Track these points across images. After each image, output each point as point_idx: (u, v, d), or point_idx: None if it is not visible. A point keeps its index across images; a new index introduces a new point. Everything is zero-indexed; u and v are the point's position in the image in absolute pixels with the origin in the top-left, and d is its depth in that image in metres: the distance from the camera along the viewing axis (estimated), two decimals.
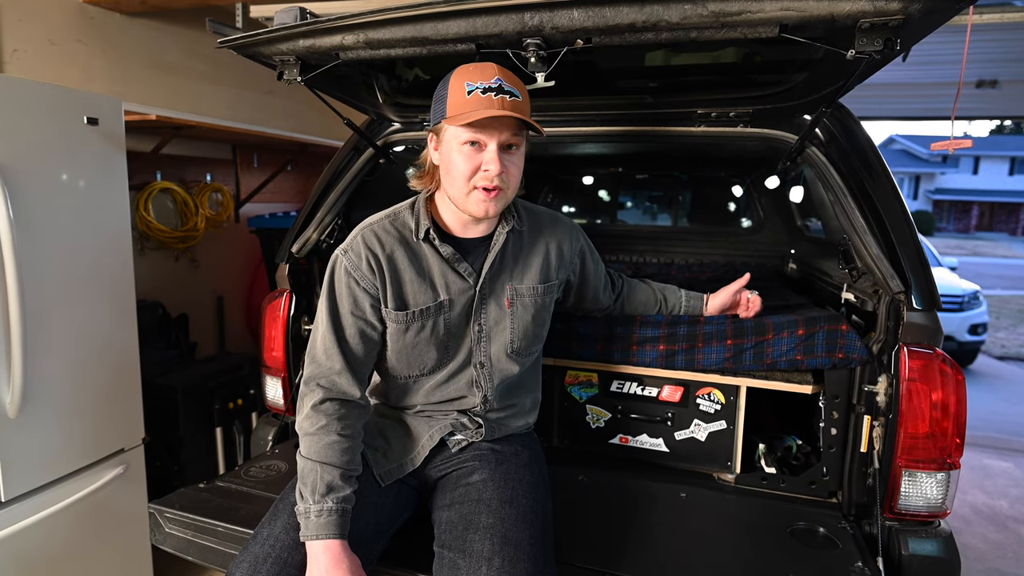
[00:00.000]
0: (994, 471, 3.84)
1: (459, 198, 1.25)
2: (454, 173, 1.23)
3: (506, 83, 1.19)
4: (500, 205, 1.25)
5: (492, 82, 1.17)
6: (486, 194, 1.22)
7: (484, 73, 1.19)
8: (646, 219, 4.02)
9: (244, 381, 2.89)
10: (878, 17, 1.01)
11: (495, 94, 1.16)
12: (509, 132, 1.20)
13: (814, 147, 1.64)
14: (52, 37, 2.49)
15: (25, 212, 1.76)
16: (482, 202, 1.22)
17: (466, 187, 1.22)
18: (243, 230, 3.51)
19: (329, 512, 1.14)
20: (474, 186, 1.22)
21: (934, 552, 1.40)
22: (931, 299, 1.42)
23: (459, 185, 1.23)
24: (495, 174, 1.20)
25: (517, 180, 1.26)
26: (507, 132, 1.20)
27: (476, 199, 1.23)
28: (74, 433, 1.96)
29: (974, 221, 29.45)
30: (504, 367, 1.40)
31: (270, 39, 1.32)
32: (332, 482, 1.17)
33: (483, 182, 1.21)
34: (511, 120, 1.18)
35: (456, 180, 1.23)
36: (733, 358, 1.66)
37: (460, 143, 1.20)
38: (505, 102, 1.17)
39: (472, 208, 1.24)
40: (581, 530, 1.46)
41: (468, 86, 1.18)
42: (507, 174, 1.22)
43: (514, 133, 1.21)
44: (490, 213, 1.25)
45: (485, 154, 1.20)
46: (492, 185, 1.21)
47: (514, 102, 1.18)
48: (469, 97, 1.17)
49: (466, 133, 1.19)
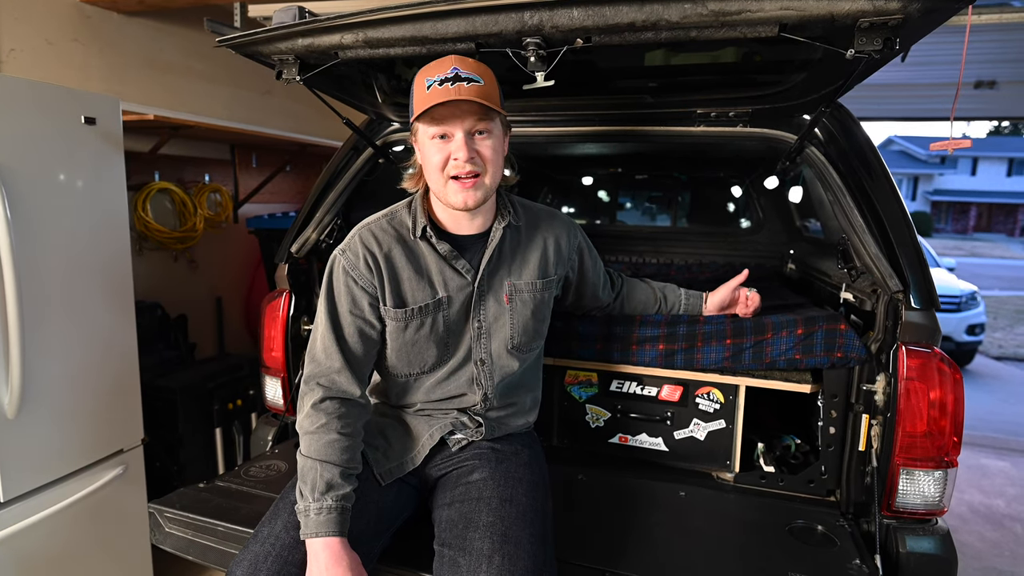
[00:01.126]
0: (991, 470, 3.85)
1: (439, 192, 1.27)
2: (428, 168, 1.25)
3: (464, 71, 1.19)
4: (480, 193, 1.25)
5: (448, 72, 1.19)
6: (461, 183, 1.23)
7: (442, 66, 1.21)
8: (645, 220, 4.03)
9: (243, 382, 2.89)
10: (877, 16, 1.01)
11: (452, 83, 1.18)
12: (473, 118, 1.21)
13: (813, 147, 1.65)
14: (49, 36, 2.48)
15: (23, 212, 1.76)
16: (459, 192, 1.24)
17: (441, 179, 1.24)
18: (242, 230, 3.51)
19: (329, 510, 1.14)
20: (448, 176, 1.23)
21: (931, 549, 1.41)
22: (929, 298, 1.42)
23: (435, 178, 1.25)
24: (464, 160, 1.21)
25: (494, 163, 1.26)
26: (471, 118, 1.21)
27: (452, 190, 1.24)
28: (73, 434, 1.95)
29: (972, 222, 29.51)
30: (505, 363, 1.40)
31: (269, 38, 1.32)
32: (332, 480, 1.17)
33: (454, 171, 1.22)
34: (474, 107, 1.19)
35: (432, 174, 1.25)
36: (732, 357, 1.66)
37: (429, 137, 1.23)
38: (462, 89, 1.17)
39: (451, 199, 1.25)
40: (581, 529, 1.46)
41: (427, 81, 1.20)
42: (480, 157, 1.23)
43: (479, 118, 1.22)
44: (469, 203, 1.25)
45: (452, 144, 1.22)
46: (464, 172, 1.22)
47: (474, 87, 1.18)
48: (428, 92, 1.19)
49: (432, 127, 1.21)
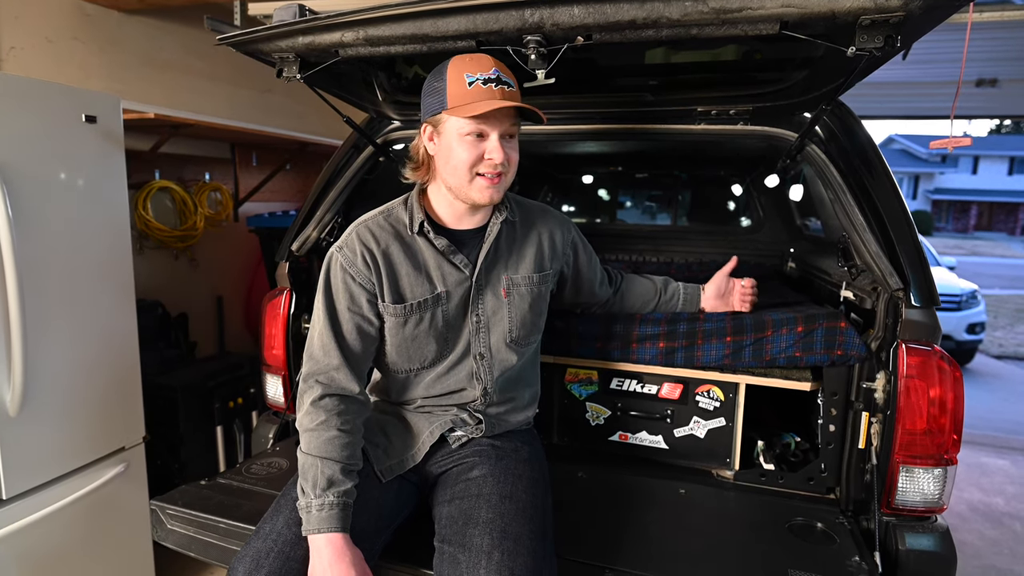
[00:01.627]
0: (990, 469, 3.85)
1: (461, 186, 1.27)
2: (455, 163, 1.25)
3: (504, 74, 1.22)
4: (502, 191, 1.29)
5: (491, 73, 1.20)
6: (489, 181, 1.25)
7: (481, 64, 1.21)
8: (645, 218, 4.02)
9: (244, 380, 2.89)
10: (879, 14, 1.01)
11: (495, 84, 1.19)
12: (509, 122, 1.24)
13: (814, 145, 1.65)
14: (49, 35, 2.48)
15: (24, 211, 1.76)
16: (485, 188, 1.26)
17: (468, 175, 1.25)
18: (242, 229, 3.51)
19: (331, 506, 1.14)
20: (477, 173, 1.25)
21: (931, 547, 1.41)
22: (930, 296, 1.42)
23: (461, 174, 1.25)
24: (499, 162, 1.23)
25: (516, 164, 1.30)
26: (507, 122, 1.24)
27: (479, 186, 1.26)
28: (75, 431, 1.96)
29: (973, 221, 29.49)
30: (504, 357, 1.40)
31: (269, 36, 1.32)
32: (333, 476, 1.17)
33: (488, 170, 1.24)
34: (511, 111, 1.22)
35: (458, 169, 1.25)
36: (732, 355, 1.66)
37: (463, 134, 1.22)
38: (505, 92, 1.20)
39: (475, 195, 1.27)
40: (581, 526, 1.47)
41: (468, 77, 1.20)
42: (508, 161, 1.26)
43: (513, 123, 1.25)
44: (494, 199, 1.28)
45: (488, 143, 1.23)
46: (495, 172, 1.24)
47: (512, 92, 1.22)
48: (471, 88, 1.19)
49: (470, 124, 1.21)
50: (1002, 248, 22.75)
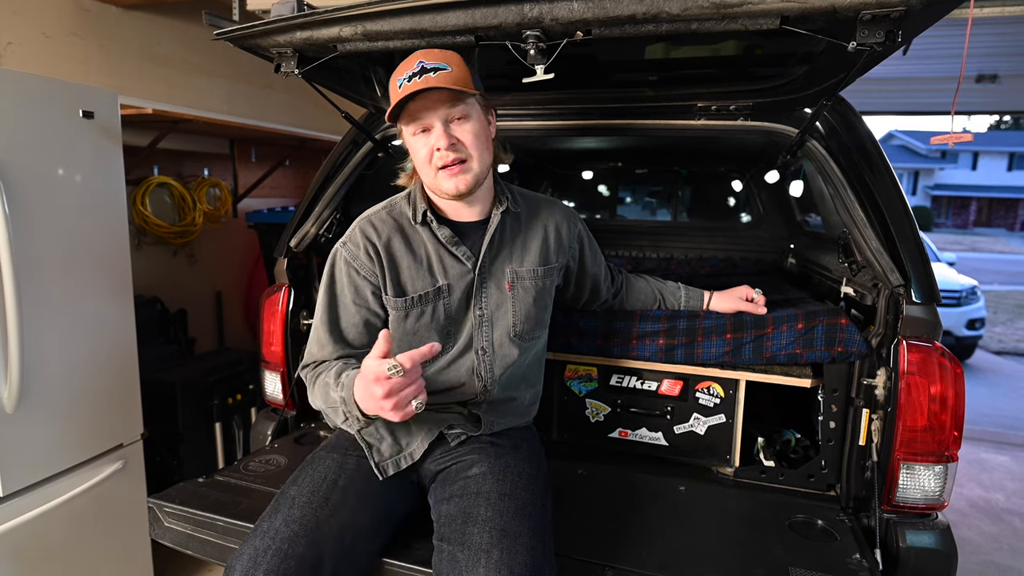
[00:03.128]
0: (990, 465, 3.85)
1: (432, 183, 1.29)
2: (418, 163, 1.28)
3: (429, 62, 1.20)
4: (470, 177, 1.27)
5: (414, 68, 1.20)
6: (449, 171, 1.25)
7: (409, 64, 1.22)
8: (645, 214, 4.02)
9: (243, 376, 2.89)
10: (880, 9, 1.00)
11: (419, 76, 1.19)
12: (446, 106, 1.22)
13: (814, 140, 1.64)
14: (47, 30, 2.47)
15: (21, 206, 1.75)
16: (449, 178, 1.25)
17: (431, 171, 1.26)
18: (241, 225, 3.50)
19: (351, 375, 1.12)
20: (436, 167, 1.25)
21: (931, 544, 1.41)
22: (930, 293, 1.42)
23: (425, 171, 1.27)
24: (445, 148, 1.22)
25: (478, 146, 1.27)
26: (443, 107, 1.22)
27: (443, 178, 1.26)
28: (72, 428, 1.95)
29: (972, 217, 29.47)
30: (506, 352, 1.40)
31: (267, 31, 1.31)
32: (339, 371, 1.19)
33: (439, 161, 1.24)
34: (444, 94, 1.21)
35: (422, 169, 1.28)
36: (732, 352, 1.66)
37: (412, 135, 1.25)
38: (429, 79, 1.18)
39: (444, 187, 1.27)
40: (580, 523, 1.46)
41: (398, 81, 1.22)
42: (462, 143, 1.25)
43: (452, 105, 1.23)
44: (461, 188, 1.26)
45: (432, 135, 1.23)
46: (449, 160, 1.23)
47: (441, 75, 1.19)
48: (400, 90, 1.20)
49: (411, 124, 1.24)
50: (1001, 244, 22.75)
